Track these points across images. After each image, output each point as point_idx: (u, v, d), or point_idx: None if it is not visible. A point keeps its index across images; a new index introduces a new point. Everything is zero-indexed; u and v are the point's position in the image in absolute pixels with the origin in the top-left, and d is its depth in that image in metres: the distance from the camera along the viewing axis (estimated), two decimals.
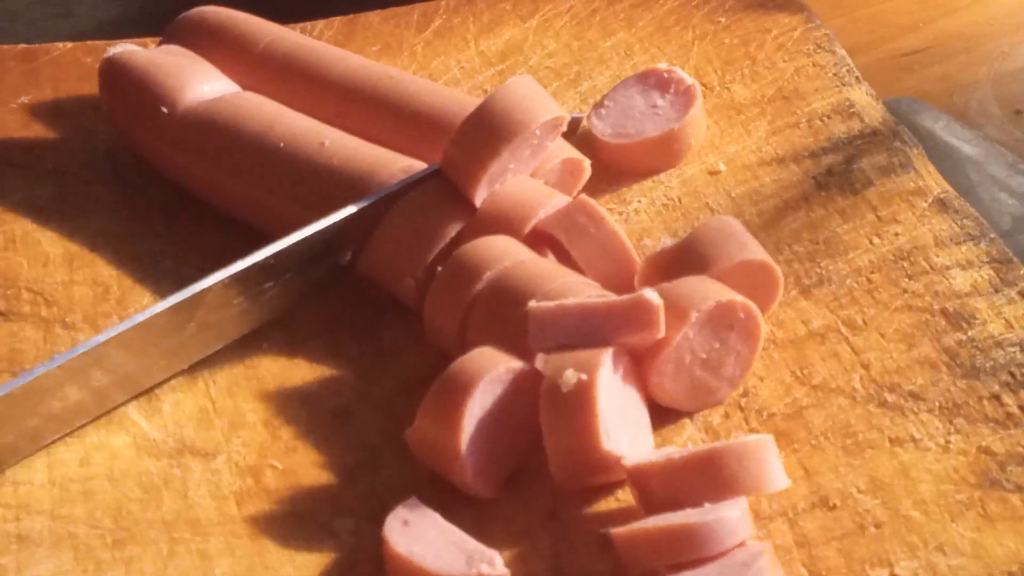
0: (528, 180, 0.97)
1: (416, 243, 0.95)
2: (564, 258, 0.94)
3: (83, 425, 0.89)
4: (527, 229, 0.94)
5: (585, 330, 0.84)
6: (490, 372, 0.83)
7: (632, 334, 0.84)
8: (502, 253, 0.91)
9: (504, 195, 0.95)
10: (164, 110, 1.04)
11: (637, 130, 1.05)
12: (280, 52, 1.09)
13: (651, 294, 0.84)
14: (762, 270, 0.91)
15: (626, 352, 0.84)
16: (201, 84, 1.06)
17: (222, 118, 1.02)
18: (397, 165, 0.98)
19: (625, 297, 0.84)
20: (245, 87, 1.08)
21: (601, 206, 0.95)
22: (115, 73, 1.09)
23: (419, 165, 0.98)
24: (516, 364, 0.84)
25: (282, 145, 1.00)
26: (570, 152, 1.01)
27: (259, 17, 1.13)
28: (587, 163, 1.01)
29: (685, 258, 0.90)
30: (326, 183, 0.97)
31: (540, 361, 0.84)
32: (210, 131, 1.02)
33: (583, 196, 0.95)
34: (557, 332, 0.84)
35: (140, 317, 0.89)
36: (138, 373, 0.91)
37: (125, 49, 1.10)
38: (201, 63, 1.08)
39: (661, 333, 0.84)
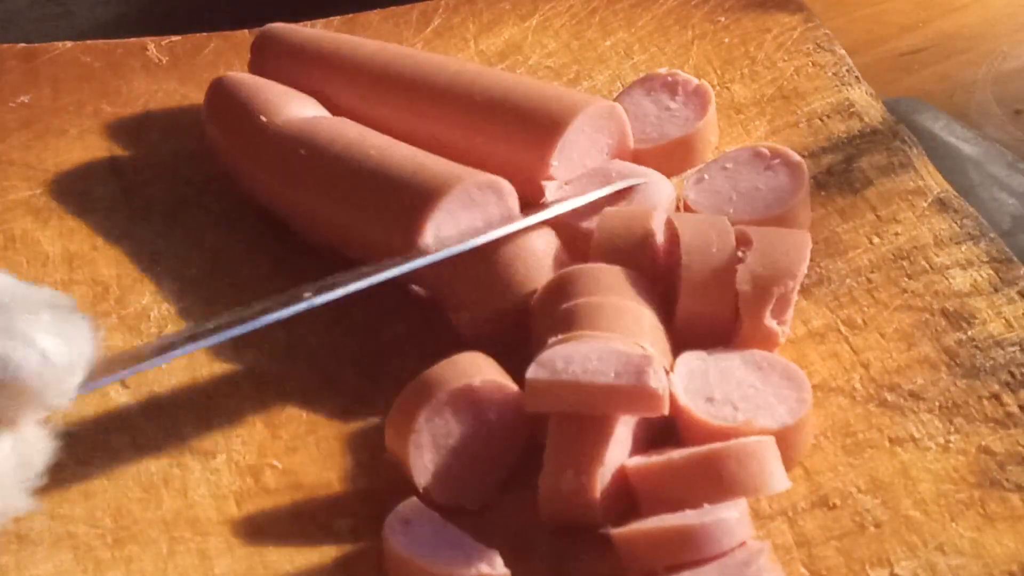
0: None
1: (498, 289, 0.91)
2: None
3: None
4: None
5: (584, 405, 0.80)
6: (441, 392, 0.82)
7: (634, 414, 0.81)
8: (600, 285, 0.87)
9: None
10: (263, 119, 1.02)
11: (660, 133, 1.02)
12: (375, 66, 1.06)
13: (657, 380, 0.80)
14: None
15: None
16: (299, 107, 1.03)
17: (317, 136, 0.99)
18: (474, 179, 0.93)
19: (628, 383, 0.79)
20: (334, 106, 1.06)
21: None
22: (221, 91, 1.07)
23: (500, 181, 0.93)
24: (476, 380, 0.82)
25: (373, 153, 0.96)
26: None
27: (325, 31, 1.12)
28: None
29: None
30: (404, 197, 0.93)
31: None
32: (304, 149, 0.99)
33: None
34: (555, 403, 0.81)
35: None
36: None
37: (231, 73, 1.08)
38: (296, 92, 1.06)
39: (665, 412, 0.81)
